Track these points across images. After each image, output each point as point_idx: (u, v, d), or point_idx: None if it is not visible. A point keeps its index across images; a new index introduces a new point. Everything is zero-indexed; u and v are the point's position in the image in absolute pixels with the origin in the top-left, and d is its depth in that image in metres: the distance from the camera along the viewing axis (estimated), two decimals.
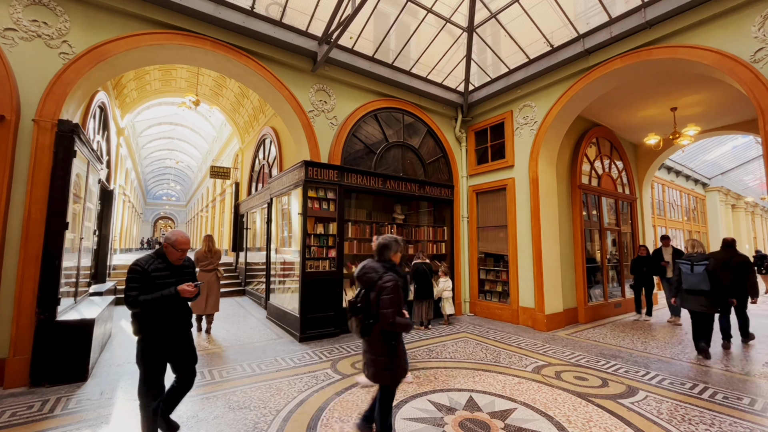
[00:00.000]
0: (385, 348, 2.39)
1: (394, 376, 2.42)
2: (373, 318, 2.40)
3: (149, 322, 2.43)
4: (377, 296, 2.37)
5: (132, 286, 2.38)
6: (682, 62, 4.84)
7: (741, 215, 19.00)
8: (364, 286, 2.50)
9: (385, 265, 2.51)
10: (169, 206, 40.76)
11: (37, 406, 3.18)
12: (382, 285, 2.36)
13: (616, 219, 8.53)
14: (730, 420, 3.03)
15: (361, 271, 2.52)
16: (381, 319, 2.34)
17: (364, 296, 2.47)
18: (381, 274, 2.43)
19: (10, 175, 3.72)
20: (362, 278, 2.49)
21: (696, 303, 4.70)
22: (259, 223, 9.90)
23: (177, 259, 2.57)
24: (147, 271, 2.42)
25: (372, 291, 2.42)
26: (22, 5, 4.01)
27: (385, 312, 2.31)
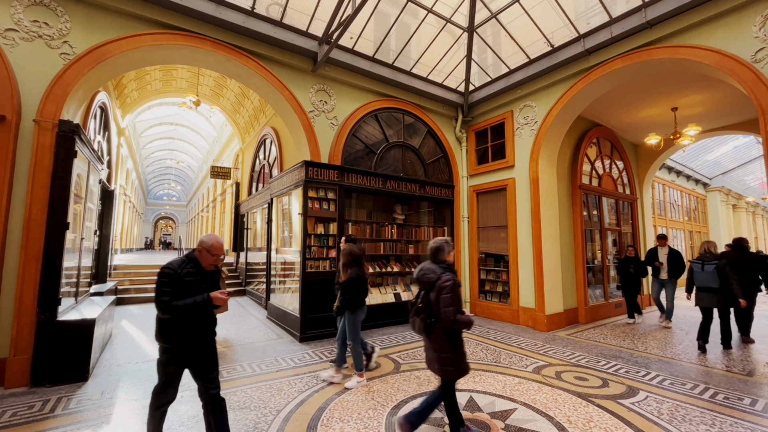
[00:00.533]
0: (449, 345, 2.53)
1: (459, 371, 2.54)
2: (434, 317, 2.52)
3: (177, 328, 2.30)
4: (437, 296, 2.50)
5: (164, 291, 2.24)
6: (682, 62, 4.84)
7: (742, 215, 18.98)
8: (423, 287, 2.63)
9: (441, 266, 2.64)
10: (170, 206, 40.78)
11: (37, 406, 3.18)
12: (442, 285, 2.49)
13: (616, 219, 8.52)
14: (730, 420, 3.03)
15: (419, 273, 2.66)
16: (442, 317, 2.46)
17: (424, 296, 2.60)
18: (439, 275, 2.56)
19: (10, 175, 3.73)
20: (421, 279, 2.62)
21: (707, 300, 5.05)
22: (259, 223, 9.91)
23: (210, 265, 2.45)
24: (180, 275, 2.30)
25: (432, 291, 2.55)
26: (23, 6, 4.01)
27: (446, 310, 2.44)
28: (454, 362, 2.53)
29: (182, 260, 2.40)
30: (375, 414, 3.08)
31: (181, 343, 2.31)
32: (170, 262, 2.36)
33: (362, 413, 3.09)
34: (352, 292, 3.77)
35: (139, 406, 3.18)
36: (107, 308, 4.90)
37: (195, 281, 2.35)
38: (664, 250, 6.78)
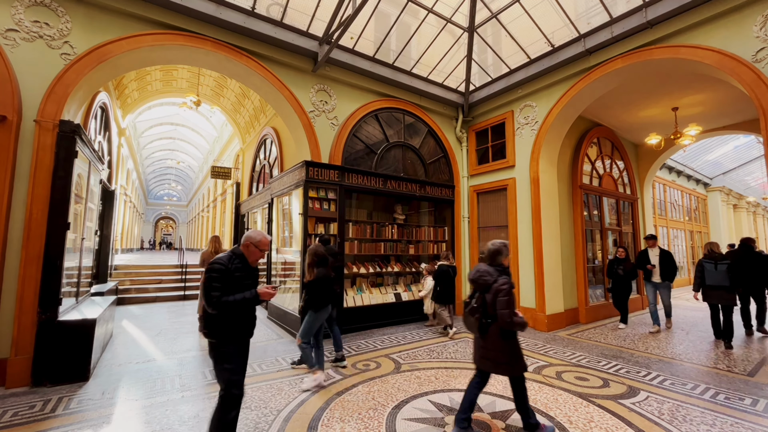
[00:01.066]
0: (504, 345, 2.65)
1: (517, 368, 2.68)
2: (490, 318, 2.64)
3: (228, 325, 2.30)
4: (494, 298, 2.60)
5: (215, 286, 2.22)
6: (683, 62, 4.83)
7: (743, 215, 18.95)
8: (479, 289, 2.72)
9: (497, 268, 2.73)
10: (171, 206, 40.78)
11: (38, 405, 3.19)
12: (499, 288, 2.60)
13: (617, 219, 8.52)
14: (731, 420, 3.03)
15: (476, 275, 2.75)
16: (500, 319, 2.57)
17: (479, 297, 2.70)
18: (496, 278, 2.65)
19: (11, 175, 3.73)
20: (478, 281, 2.71)
21: (718, 297, 5.34)
22: (260, 223, 9.91)
23: (255, 260, 2.44)
24: (230, 270, 2.29)
25: (488, 293, 2.65)
26: (23, 6, 4.02)
27: (503, 312, 2.55)
28: (510, 361, 2.65)
29: (229, 255, 2.38)
30: (375, 414, 3.08)
31: (237, 339, 2.33)
32: (219, 258, 2.34)
33: (363, 413, 3.09)
34: (315, 292, 3.76)
35: (139, 406, 3.19)
36: (108, 308, 4.90)
37: (242, 277, 2.34)
38: (654, 251, 6.42)
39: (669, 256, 6.23)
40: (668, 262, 6.20)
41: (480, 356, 2.77)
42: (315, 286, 3.77)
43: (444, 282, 5.83)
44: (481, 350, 2.76)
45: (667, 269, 6.18)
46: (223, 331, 2.30)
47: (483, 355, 2.74)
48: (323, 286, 3.79)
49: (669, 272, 6.17)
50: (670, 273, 6.16)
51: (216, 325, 2.30)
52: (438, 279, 5.86)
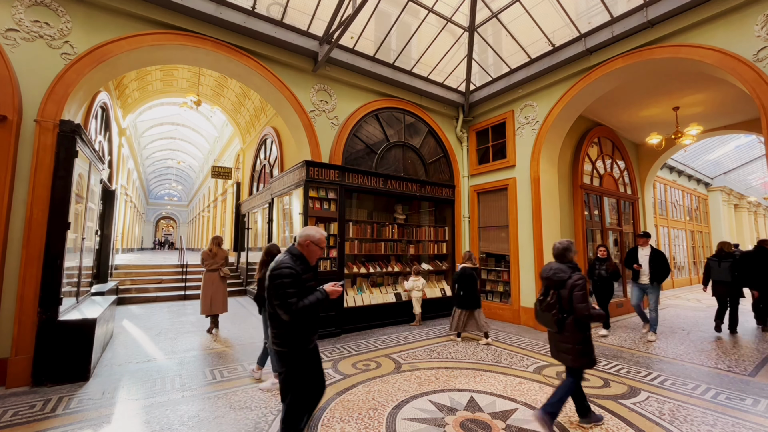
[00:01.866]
0: (582, 337, 2.79)
1: (590, 361, 2.81)
2: (566, 312, 2.76)
3: (302, 330, 2.20)
4: (569, 293, 2.72)
5: (290, 292, 2.11)
6: (684, 61, 4.82)
7: (744, 215, 18.91)
8: (553, 286, 2.84)
9: (569, 265, 2.86)
10: (171, 206, 40.82)
11: (39, 405, 3.19)
12: (574, 283, 2.73)
13: (618, 219, 8.50)
14: (732, 421, 3.02)
15: (549, 272, 2.87)
16: (578, 312, 2.70)
17: (554, 294, 2.82)
18: (570, 274, 2.78)
19: (12, 175, 3.73)
20: (552, 278, 2.83)
21: (721, 291, 5.99)
22: (260, 223, 9.91)
23: (316, 259, 2.34)
24: (300, 274, 2.19)
25: (563, 289, 2.77)
26: (24, 6, 4.02)
27: (580, 306, 2.69)
28: (587, 353, 2.80)
29: (291, 258, 2.26)
30: (376, 414, 3.07)
31: (308, 345, 2.24)
32: (285, 262, 2.21)
33: (363, 413, 3.09)
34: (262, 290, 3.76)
35: (139, 406, 3.19)
36: (108, 308, 4.90)
37: (308, 278, 2.25)
38: (645, 250, 5.88)
39: (661, 257, 5.70)
40: (659, 262, 5.66)
41: (557, 350, 2.91)
42: (262, 284, 3.77)
43: (468, 285, 5.34)
44: (558, 344, 2.89)
45: (657, 270, 5.65)
46: (298, 337, 2.20)
47: (560, 349, 2.87)
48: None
49: (659, 274, 5.63)
50: (661, 275, 5.62)
51: (290, 333, 2.18)
52: (460, 282, 5.38)
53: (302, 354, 2.22)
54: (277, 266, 2.20)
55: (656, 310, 5.66)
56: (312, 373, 2.31)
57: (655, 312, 5.66)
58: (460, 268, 5.51)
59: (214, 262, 5.86)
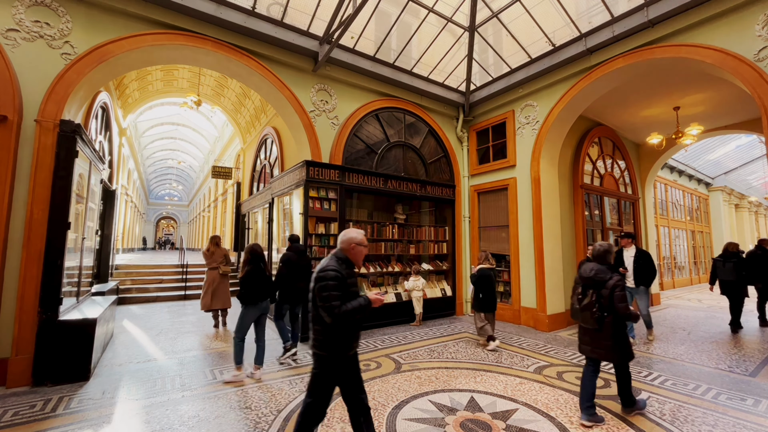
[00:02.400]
0: (620, 334, 2.99)
1: (630, 354, 3.03)
2: (606, 311, 2.93)
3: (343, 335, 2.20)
4: (610, 293, 2.91)
5: (335, 295, 2.12)
6: (685, 61, 4.81)
7: (744, 215, 18.88)
8: (593, 285, 3.02)
9: (608, 267, 3.05)
10: (172, 206, 40.83)
11: (39, 405, 3.19)
12: (615, 283, 2.92)
13: (618, 219, 8.49)
14: (733, 421, 3.01)
15: (590, 272, 3.04)
16: (619, 311, 2.89)
17: (593, 293, 3.00)
18: (610, 275, 2.97)
19: (12, 175, 3.73)
20: (594, 278, 3.01)
21: (726, 289, 6.31)
22: (260, 222, 9.91)
23: (361, 261, 2.35)
24: (345, 277, 2.19)
25: (603, 289, 2.96)
26: (24, 6, 4.02)
27: (621, 306, 2.88)
28: (626, 346, 3.01)
29: (336, 261, 2.26)
30: (376, 414, 3.07)
31: (348, 352, 2.22)
32: (330, 265, 2.21)
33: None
34: (244, 287, 3.90)
35: (140, 406, 3.19)
36: (108, 308, 4.90)
37: (353, 283, 2.26)
38: (629, 251, 5.55)
39: (646, 258, 5.43)
40: (645, 264, 5.39)
41: (593, 347, 3.06)
42: (243, 281, 3.92)
43: (486, 287, 5.08)
44: (593, 341, 3.05)
45: (643, 273, 5.37)
46: (338, 342, 2.19)
47: (596, 345, 3.03)
48: (250, 281, 3.91)
49: (645, 276, 5.35)
50: (647, 277, 5.36)
51: (331, 337, 2.18)
52: (479, 284, 5.11)
53: (340, 360, 2.21)
54: (323, 269, 2.20)
55: (648, 313, 5.50)
56: (350, 380, 2.27)
57: (647, 316, 5.51)
58: (478, 269, 5.22)
59: (213, 261, 6.15)
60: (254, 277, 3.94)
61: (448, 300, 7.34)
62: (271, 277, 4.22)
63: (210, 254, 6.17)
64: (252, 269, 3.97)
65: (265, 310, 4.11)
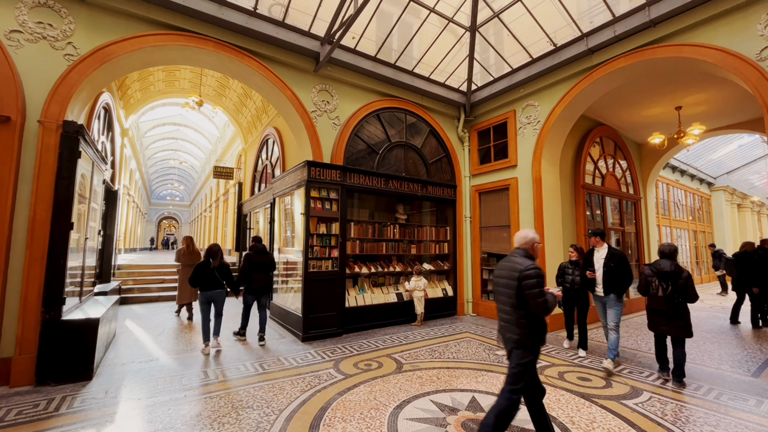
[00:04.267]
0: (688, 315, 3.81)
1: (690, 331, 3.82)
2: (681, 297, 3.76)
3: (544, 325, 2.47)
4: (685, 283, 3.75)
5: (542, 291, 2.36)
6: (686, 61, 4.80)
7: (747, 215, 18.81)
8: (672, 278, 3.79)
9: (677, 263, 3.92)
10: (173, 206, 40.93)
11: (42, 404, 3.21)
12: (688, 275, 3.79)
13: (620, 219, 8.48)
14: (735, 421, 3.01)
15: (671, 267, 3.82)
16: (692, 298, 3.75)
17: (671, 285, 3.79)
18: (682, 269, 3.84)
19: (15, 175, 3.75)
20: (675, 272, 3.79)
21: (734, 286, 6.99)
22: (262, 223, 9.93)
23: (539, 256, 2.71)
24: (543, 276, 2.45)
25: (680, 280, 3.77)
26: (27, 7, 4.04)
27: (695, 293, 3.76)
28: (690, 324, 3.82)
29: (532, 260, 2.50)
30: (377, 414, 3.08)
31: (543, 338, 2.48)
32: (530, 264, 2.42)
33: (365, 413, 3.09)
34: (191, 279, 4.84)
35: (142, 405, 3.20)
36: (111, 308, 4.93)
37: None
38: (600, 252, 4.61)
39: (620, 261, 4.42)
40: (618, 268, 4.38)
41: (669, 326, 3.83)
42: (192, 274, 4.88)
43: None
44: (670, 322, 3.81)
45: (614, 278, 4.36)
46: (542, 331, 2.46)
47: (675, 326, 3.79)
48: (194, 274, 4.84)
49: (617, 282, 4.35)
50: (619, 283, 4.35)
51: (536, 328, 2.43)
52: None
53: (539, 347, 2.48)
54: (527, 269, 2.40)
55: (616, 329, 4.35)
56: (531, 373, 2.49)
57: (614, 332, 4.34)
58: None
59: (191, 259, 6.79)
60: (196, 270, 4.84)
61: (449, 300, 7.34)
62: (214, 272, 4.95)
63: (191, 252, 6.77)
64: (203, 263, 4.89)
65: (210, 297, 4.88)
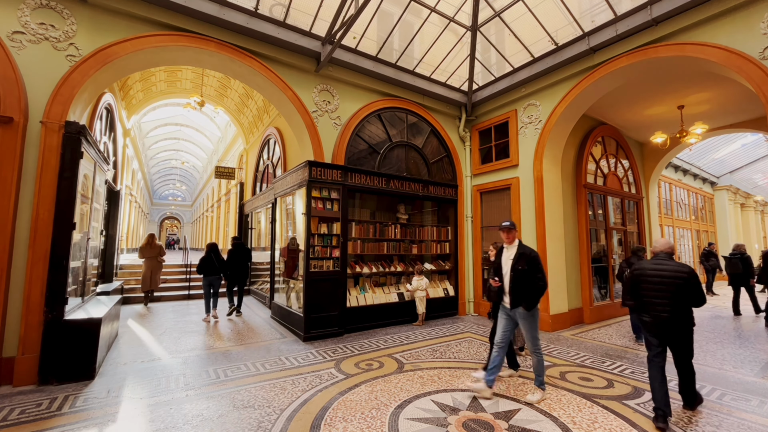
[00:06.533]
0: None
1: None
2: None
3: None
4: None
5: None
6: (689, 60, 4.78)
7: (750, 214, 18.72)
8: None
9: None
10: (175, 206, 41.04)
11: (45, 403, 3.23)
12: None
13: (622, 218, 8.45)
14: (738, 422, 3.00)
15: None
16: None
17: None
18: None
19: (18, 176, 3.77)
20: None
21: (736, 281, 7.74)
22: (263, 222, 9.94)
23: None
24: None
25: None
26: (29, 8, 4.06)
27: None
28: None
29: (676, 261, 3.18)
30: (378, 414, 3.08)
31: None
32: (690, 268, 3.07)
33: (366, 413, 3.10)
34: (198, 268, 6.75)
35: (144, 405, 3.21)
36: (113, 307, 4.94)
37: None
38: (510, 251, 3.57)
39: (530, 262, 3.40)
40: (529, 272, 3.38)
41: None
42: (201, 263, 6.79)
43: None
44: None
45: (522, 286, 3.38)
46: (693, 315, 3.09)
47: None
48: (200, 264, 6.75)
49: (524, 292, 3.37)
50: (528, 293, 3.36)
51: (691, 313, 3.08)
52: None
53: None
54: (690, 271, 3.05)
55: (537, 351, 3.46)
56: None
57: (536, 354, 3.45)
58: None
59: (151, 253, 7.99)
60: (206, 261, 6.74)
61: (450, 300, 7.34)
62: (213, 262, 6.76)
63: (151, 247, 8.04)
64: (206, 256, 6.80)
65: (211, 281, 6.73)
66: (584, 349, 5.10)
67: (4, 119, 3.70)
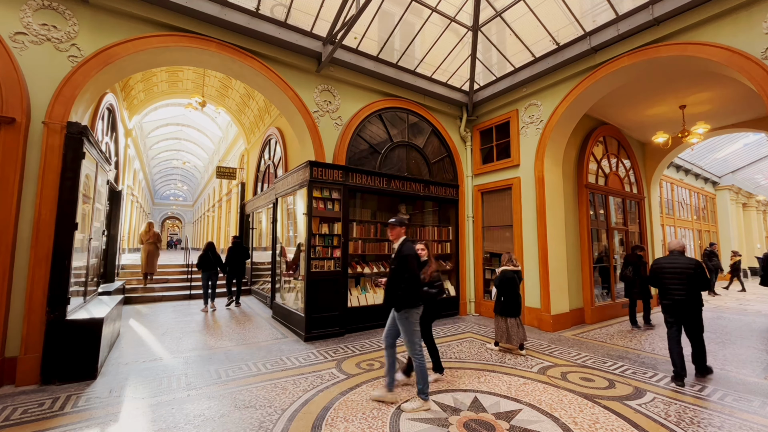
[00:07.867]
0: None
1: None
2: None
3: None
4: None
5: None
6: (691, 59, 4.77)
7: (752, 214, 18.66)
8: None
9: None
10: (177, 206, 41.11)
11: (47, 403, 3.24)
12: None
13: (623, 218, 8.43)
14: (740, 422, 2.99)
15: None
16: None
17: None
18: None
19: (20, 176, 3.79)
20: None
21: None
22: (264, 222, 9.96)
23: None
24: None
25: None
26: (32, 9, 4.07)
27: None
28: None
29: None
30: (379, 414, 3.08)
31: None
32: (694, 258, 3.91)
33: (366, 413, 3.10)
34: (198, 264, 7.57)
35: (146, 405, 3.22)
36: (115, 307, 4.96)
37: None
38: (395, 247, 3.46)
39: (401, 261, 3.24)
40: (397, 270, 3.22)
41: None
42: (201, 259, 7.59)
43: (510, 291, 4.82)
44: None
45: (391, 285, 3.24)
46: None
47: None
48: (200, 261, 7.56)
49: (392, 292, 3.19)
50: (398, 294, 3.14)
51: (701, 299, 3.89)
52: (502, 287, 4.85)
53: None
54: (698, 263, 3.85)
55: (416, 355, 3.18)
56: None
57: (415, 359, 3.17)
58: (501, 271, 4.96)
59: (150, 238, 8.81)
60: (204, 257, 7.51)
61: (451, 300, 7.34)
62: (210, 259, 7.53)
63: (147, 234, 8.82)
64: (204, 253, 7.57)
65: (209, 275, 7.56)
66: (585, 349, 5.10)
67: (6, 120, 3.71)
